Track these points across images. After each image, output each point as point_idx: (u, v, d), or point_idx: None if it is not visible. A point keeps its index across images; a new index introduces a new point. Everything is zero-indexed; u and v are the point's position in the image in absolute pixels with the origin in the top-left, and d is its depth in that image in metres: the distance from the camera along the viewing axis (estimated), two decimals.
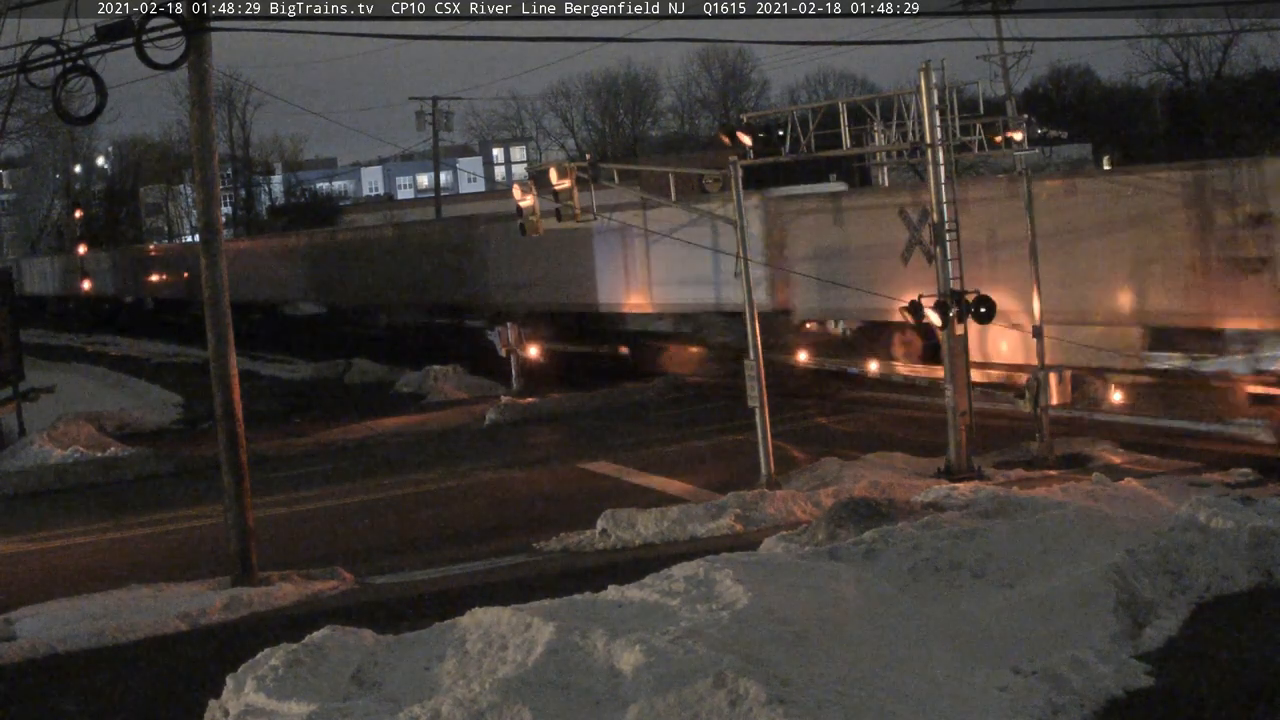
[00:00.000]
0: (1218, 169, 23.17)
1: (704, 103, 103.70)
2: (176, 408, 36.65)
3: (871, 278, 26.37)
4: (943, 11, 32.65)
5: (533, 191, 23.22)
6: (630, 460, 25.22)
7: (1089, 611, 12.61)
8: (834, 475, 21.62)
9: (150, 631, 15.47)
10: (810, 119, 23.18)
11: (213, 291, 17.45)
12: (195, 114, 17.53)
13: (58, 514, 24.05)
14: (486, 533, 20.57)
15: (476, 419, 31.35)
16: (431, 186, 73.25)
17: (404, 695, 11.24)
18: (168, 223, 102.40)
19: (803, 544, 16.15)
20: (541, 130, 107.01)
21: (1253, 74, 73.10)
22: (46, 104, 30.49)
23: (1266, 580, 13.81)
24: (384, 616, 14.57)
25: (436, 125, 64.01)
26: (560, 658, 11.13)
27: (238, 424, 17.49)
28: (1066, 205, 24.98)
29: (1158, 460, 21.65)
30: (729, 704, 10.16)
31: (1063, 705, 10.85)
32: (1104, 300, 24.48)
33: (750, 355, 21.63)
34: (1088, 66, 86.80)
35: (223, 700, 11.68)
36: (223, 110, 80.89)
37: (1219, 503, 15.38)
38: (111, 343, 61.05)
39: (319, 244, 53.55)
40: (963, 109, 21.83)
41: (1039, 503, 16.77)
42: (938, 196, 21.29)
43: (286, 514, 22.61)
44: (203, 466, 25.86)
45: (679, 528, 19.06)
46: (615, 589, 13.06)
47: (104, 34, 15.02)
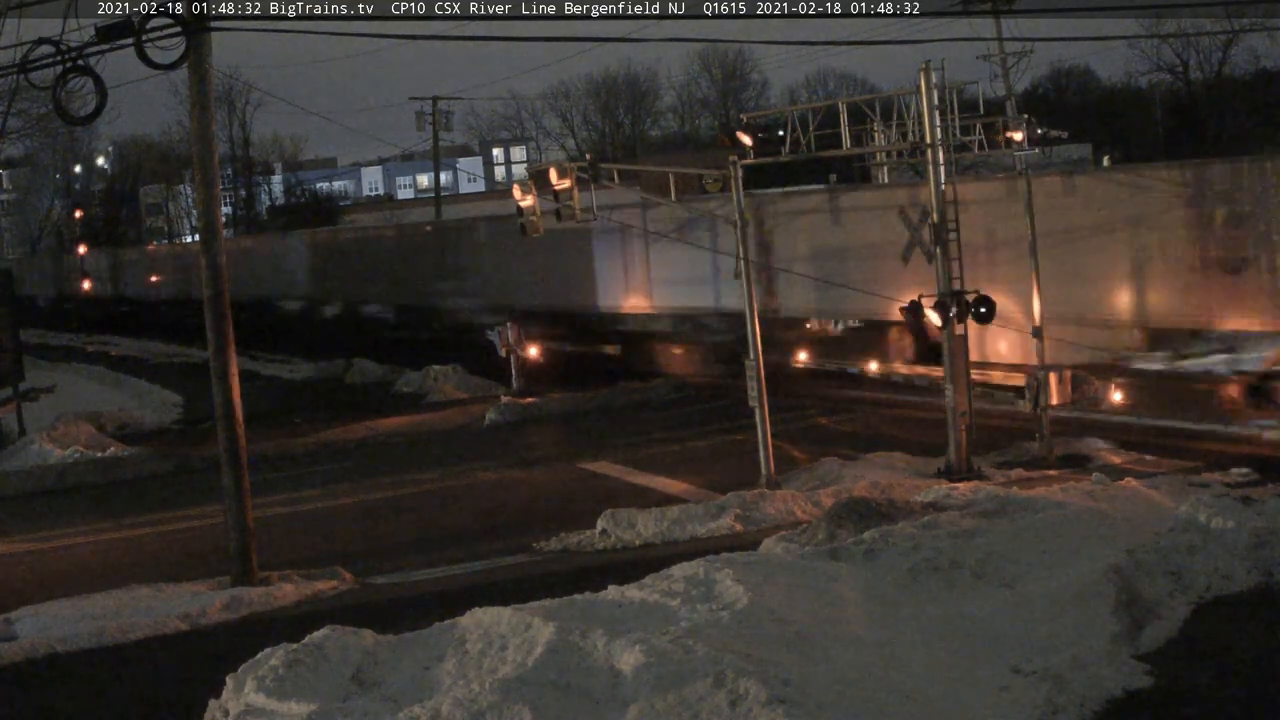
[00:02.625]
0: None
1: (704, 103, 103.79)
2: (176, 407, 36.65)
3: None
4: (943, 11, 32.57)
5: (533, 191, 23.21)
6: (630, 460, 25.22)
7: (1089, 611, 12.60)
8: (834, 475, 21.63)
9: (150, 631, 15.47)
10: (810, 119, 23.18)
11: (213, 291, 17.45)
12: (195, 114, 17.53)
13: (58, 514, 24.04)
14: (486, 533, 20.57)
15: (476, 419, 31.34)
16: (431, 186, 73.21)
17: (404, 695, 11.24)
18: (168, 223, 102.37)
19: (803, 544, 16.14)
20: (541, 130, 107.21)
21: (1253, 74, 73.13)
22: (46, 104, 30.40)
23: (1266, 580, 13.80)
24: (384, 616, 14.55)
25: (436, 125, 63.96)
26: (560, 658, 11.14)
27: (238, 424, 17.48)
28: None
29: (1158, 460, 21.64)
30: (729, 704, 10.16)
31: (1063, 705, 10.84)
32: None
33: (750, 355, 21.63)
34: (1088, 66, 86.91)
35: (223, 700, 11.68)
36: (223, 110, 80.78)
37: (1219, 503, 15.36)
38: (111, 343, 61.04)
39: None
40: (963, 109, 21.82)
41: (1039, 503, 16.76)
42: (938, 196, 21.29)
43: (286, 514, 22.60)
44: (203, 466, 25.86)
45: (679, 528, 19.06)
46: (615, 589, 13.07)
47: (104, 34, 15.01)
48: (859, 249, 28.77)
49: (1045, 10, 28.56)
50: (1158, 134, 73.86)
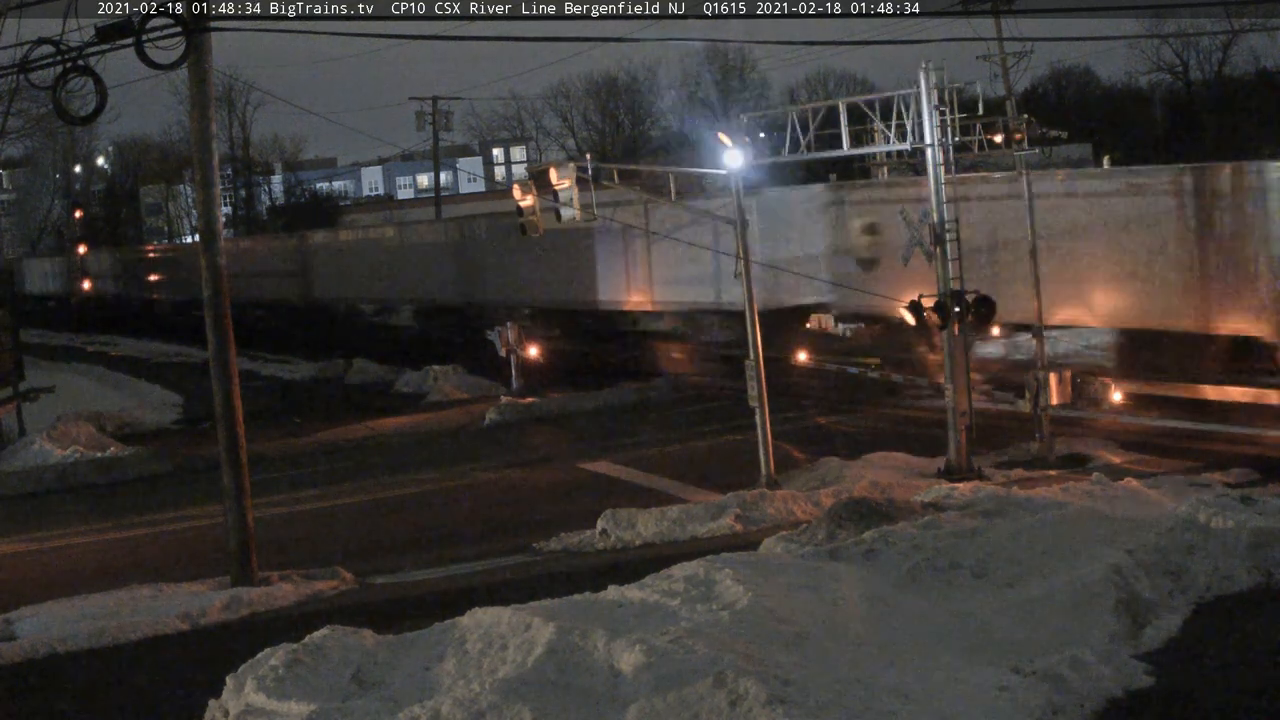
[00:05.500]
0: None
1: (704, 103, 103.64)
2: (176, 408, 36.67)
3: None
4: (943, 11, 32.66)
5: (533, 191, 23.20)
6: (630, 460, 25.22)
7: (1089, 611, 12.60)
8: (834, 475, 21.63)
9: (150, 631, 15.46)
10: (810, 119, 23.18)
11: (213, 291, 17.45)
12: (195, 114, 17.53)
13: (58, 514, 24.05)
14: (487, 533, 20.57)
15: (476, 419, 31.35)
16: (431, 186, 73.22)
17: (404, 695, 11.23)
18: (168, 223, 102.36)
19: (803, 544, 16.14)
20: (541, 130, 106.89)
21: (1253, 74, 73.10)
22: (46, 104, 30.44)
23: (1266, 580, 13.79)
24: (384, 616, 14.55)
25: (436, 125, 64.01)
26: (560, 658, 11.13)
27: (238, 424, 17.48)
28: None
29: (1158, 460, 21.65)
30: (729, 704, 10.16)
31: (1063, 705, 10.83)
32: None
33: (750, 355, 21.63)
34: (1088, 66, 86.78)
35: (223, 700, 11.67)
36: (223, 110, 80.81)
37: (1219, 503, 15.34)
38: (111, 343, 61.08)
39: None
40: (963, 109, 21.83)
41: (1039, 503, 16.76)
42: (938, 196, 21.28)
43: (286, 514, 22.60)
44: (203, 466, 25.88)
45: (679, 528, 19.05)
46: (615, 589, 13.06)
47: (104, 34, 15.00)
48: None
49: (1045, 10, 28.57)
50: (1158, 134, 73.83)
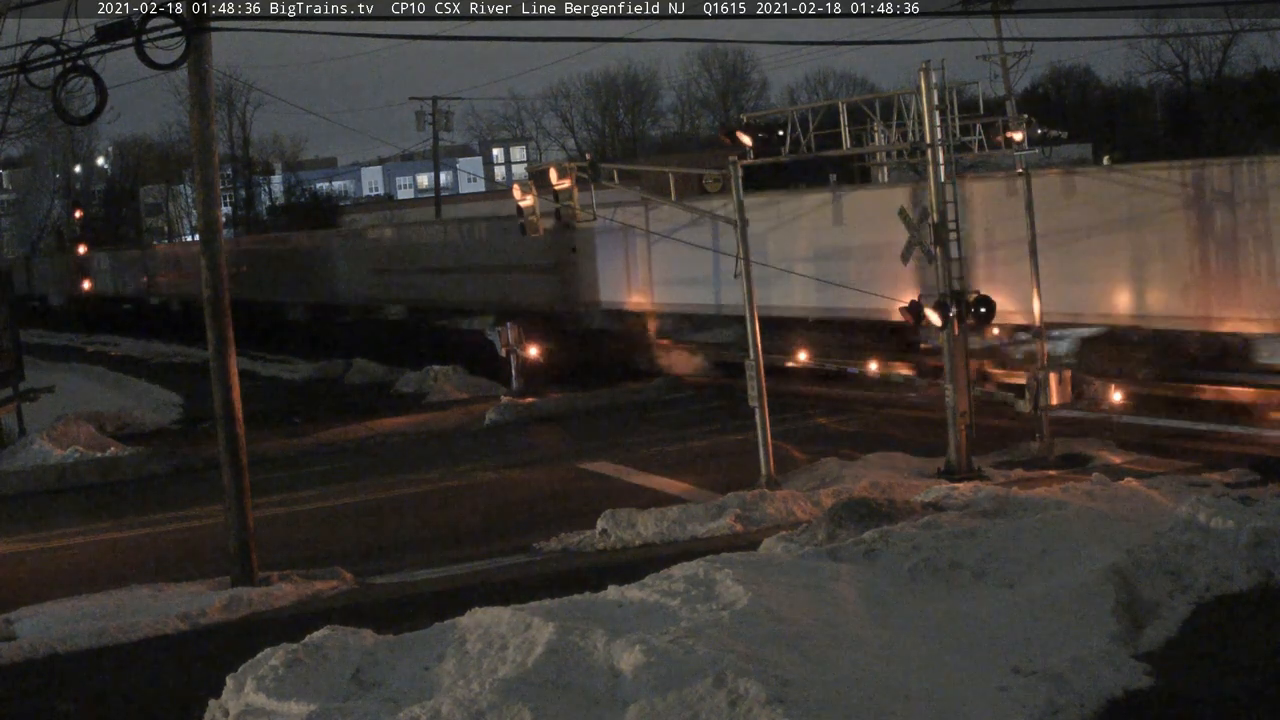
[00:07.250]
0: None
1: (704, 103, 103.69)
2: (176, 408, 36.65)
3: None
4: (943, 11, 32.66)
5: (533, 191, 23.22)
6: (630, 460, 25.21)
7: (1089, 611, 12.61)
8: (834, 475, 21.62)
9: (150, 631, 15.45)
10: (810, 119, 23.18)
11: (212, 291, 17.45)
12: (195, 114, 17.52)
13: (58, 514, 24.04)
14: (486, 533, 20.57)
15: (476, 419, 31.34)
16: (431, 186, 73.25)
17: (404, 695, 11.24)
18: (168, 223, 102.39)
19: (803, 544, 16.13)
20: (541, 130, 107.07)
21: (1253, 74, 73.12)
22: (46, 104, 30.48)
23: (1266, 580, 13.80)
24: (384, 616, 14.55)
25: (436, 125, 64.05)
26: (560, 658, 11.14)
27: (238, 424, 17.47)
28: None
29: (1158, 460, 21.63)
30: (729, 704, 10.16)
31: (1063, 705, 10.85)
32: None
33: (750, 355, 21.62)
34: (1088, 66, 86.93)
35: (223, 700, 11.68)
36: (223, 110, 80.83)
37: (1219, 503, 15.35)
38: (111, 343, 61.03)
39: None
40: (963, 109, 21.83)
41: (1039, 503, 16.75)
42: (938, 196, 21.27)
43: (286, 514, 22.60)
44: (203, 466, 25.88)
45: (679, 528, 19.05)
46: (615, 589, 13.06)
47: (104, 34, 15.00)
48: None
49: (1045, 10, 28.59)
50: (1158, 134, 73.88)
